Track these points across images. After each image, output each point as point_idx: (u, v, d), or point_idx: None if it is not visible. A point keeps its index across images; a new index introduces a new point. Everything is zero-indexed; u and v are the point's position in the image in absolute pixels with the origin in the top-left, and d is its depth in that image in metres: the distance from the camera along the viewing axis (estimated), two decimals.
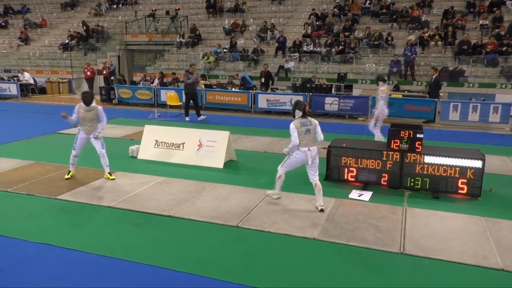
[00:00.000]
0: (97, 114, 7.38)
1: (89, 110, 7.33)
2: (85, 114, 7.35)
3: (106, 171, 7.53)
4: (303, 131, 5.91)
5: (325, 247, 5.10)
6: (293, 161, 6.12)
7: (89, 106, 7.31)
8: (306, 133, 5.92)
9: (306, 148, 5.94)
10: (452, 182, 6.79)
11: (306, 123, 5.95)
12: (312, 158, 5.97)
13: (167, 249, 5.03)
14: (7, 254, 4.87)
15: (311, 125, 5.97)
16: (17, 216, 5.95)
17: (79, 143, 7.49)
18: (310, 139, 5.96)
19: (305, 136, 5.92)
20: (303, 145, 5.94)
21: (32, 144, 10.41)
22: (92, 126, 7.42)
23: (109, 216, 6.00)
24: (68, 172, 7.63)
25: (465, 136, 11.66)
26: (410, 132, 6.93)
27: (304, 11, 21.92)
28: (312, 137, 5.97)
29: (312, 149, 5.96)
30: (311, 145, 5.97)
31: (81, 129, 7.47)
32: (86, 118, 7.38)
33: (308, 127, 5.94)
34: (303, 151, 5.95)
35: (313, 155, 5.97)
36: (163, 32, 22.68)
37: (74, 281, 4.35)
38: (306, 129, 5.92)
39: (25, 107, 17.17)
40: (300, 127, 5.91)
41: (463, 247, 5.07)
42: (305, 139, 5.93)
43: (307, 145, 5.94)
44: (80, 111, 7.35)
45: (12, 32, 27.04)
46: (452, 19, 18.18)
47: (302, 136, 5.91)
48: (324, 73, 17.76)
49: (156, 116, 14.41)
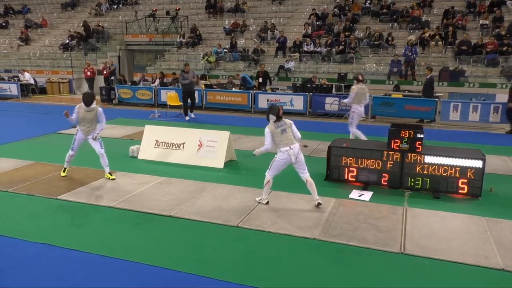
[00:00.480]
0: (96, 115, 7.38)
1: (89, 111, 7.32)
2: (85, 114, 7.34)
3: (106, 171, 7.53)
4: (279, 132, 6.00)
5: (326, 247, 5.09)
6: (278, 163, 6.16)
7: (89, 107, 7.31)
8: (283, 133, 6.00)
9: (287, 147, 5.99)
10: (452, 182, 6.79)
11: (281, 124, 6.05)
12: (295, 155, 6.02)
13: (167, 249, 5.03)
14: (7, 254, 4.87)
15: (286, 124, 6.07)
16: (17, 216, 5.95)
17: (77, 143, 7.50)
18: (289, 138, 6.02)
19: (282, 135, 6.00)
20: (283, 145, 6.01)
21: (32, 144, 10.41)
22: (91, 127, 7.42)
23: (109, 216, 6.00)
24: (63, 169, 7.65)
25: (466, 136, 11.65)
26: (410, 132, 6.93)
27: (305, 11, 21.92)
28: (290, 135, 6.04)
29: (293, 147, 6.02)
30: (292, 143, 6.02)
31: (79, 130, 7.47)
32: (86, 119, 7.37)
33: (283, 127, 6.04)
34: (284, 150, 6.01)
35: (295, 152, 6.02)
36: (164, 32, 22.69)
37: (74, 281, 4.35)
38: (282, 130, 6.01)
39: (26, 107, 17.17)
40: (275, 129, 6.02)
41: (464, 247, 5.06)
42: (283, 139, 6.00)
43: (287, 144, 6.00)
44: (80, 111, 7.35)
45: (13, 32, 27.06)
46: (453, 19, 18.18)
47: (279, 137, 6.00)
48: (325, 73, 17.76)
49: (156, 116, 14.41)
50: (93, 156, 7.59)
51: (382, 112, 14.08)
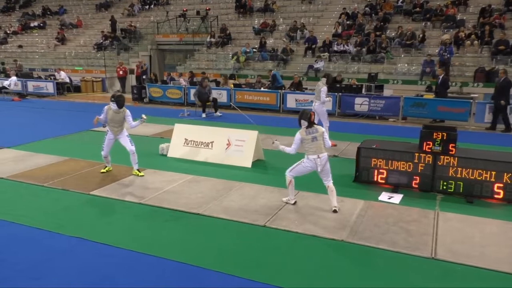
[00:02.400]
0: (124, 117, 7.51)
1: (117, 113, 7.46)
2: (114, 116, 7.48)
3: (135, 168, 7.68)
4: (309, 139, 5.91)
5: (354, 249, 5.03)
6: (302, 169, 6.12)
7: (120, 109, 7.44)
8: (313, 141, 5.91)
9: (316, 155, 5.91)
10: (487, 187, 6.56)
11: (312, 131, 5.94)
12: (322, 165, 5.94)
13: (194, 247, 5.09)
14: (44, 246, 5.06)
15: (317, 132, 5.95)
16: (52, 210, 6.17)
17: (107, 143, 7.65)
18: (318, 147, 5.92)
19: (312, 143, 5.91)
20: (311, 153, 5.94)
21: (67, 141, 10.76)
22: (120, 128, 7.57)
23: (139, 212, 6.13)
24: (104, 166, 7.87)
25: (502, 139, 11.24)
26: (443, 134, 6.74)
27: (335, 10, 21.68)
28: (320, 144, 5.95)
29: (321, 156, 5.92)
30: (320, 152, 5.92)
31: (109, 130, 7.63)
32: (114, 120, 7.52)
33: (314, 134, 5.92)
34: (312, 159, 5.94)
35: (323, 162, 5.94)
36: (194, 32, 22.96)
37: (105, 274, 4.47)
38: (313, 137, 5.91)
39: (61, 104, 17.77)
40: (306, 136, 5.93)
41: (499, 254, 4.89)
42: (312, 147, 5.92)
43: (316, 153, 5.92)
44: (109, 112, 7.49)
45: (50, 32, 28.04)
46: (490, 17, 17.54)
47: (309, 144, 5.92)
48: (354, 73, 17.53)
49: (186, 115, 14.61)
50: (126, 153, 7.76)
51: (414, 113, 13.76)
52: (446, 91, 13.66)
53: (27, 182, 7.30)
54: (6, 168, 8.08)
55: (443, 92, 13.54)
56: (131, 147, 7.57)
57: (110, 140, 7.65)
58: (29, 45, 27.28)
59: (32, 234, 5.36)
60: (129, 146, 7.57)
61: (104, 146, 7.69)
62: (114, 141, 7.69)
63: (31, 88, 20.51)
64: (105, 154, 7.75)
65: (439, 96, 13.54)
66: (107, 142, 7.65)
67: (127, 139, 7.62)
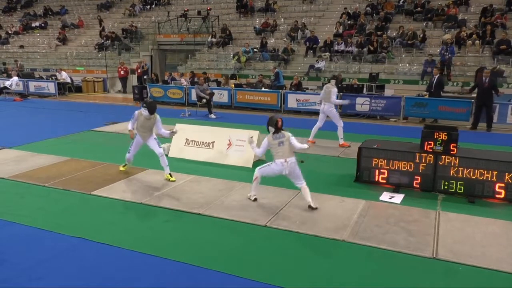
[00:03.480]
0: (155, 122, 7.42)
1: (148, 119, 7.34)
2: (144, 122, 7.35)
3: (166, 172, 7.45)
4: (276, 143, 6.05)
5: (355, 249, 5.02)
6: (269, 170, 6.25)
7: (151, 115, 7.33)
8: (280, 145, 6.03)
9: (283, 159, 6.01)
10: (489, 186, 6.55)
11: (279, 136, 6.05)
12: (289, 169, 6.04)
13: (195, 246, 5.09)
14: (45, 246, 5.07)
15: (284, 137, 6.05)
16: (54, 210, 6.17)
17: (134, 146, 7.57)
18: (285, 151, 6.03)
19: (279, 148, 6.03)
20: (279, 156, 6.04)
21: (68, 141, 10.77)
22: (149, 133, 7.46)
23: (140, 212, 6.13)
24: (124, 164, 7.84)
25: (503, 139, 11.22)
26: (444, 133, 6.73)
27: (336, 10, 21.68)
28: (287, 148, 6.03)
29: (288, 160, 6.01)
30: (288, 156, 6.02)
31: (138, 134, 7.50)
32: (145, 126, 7.38)
33: (281, 139, 6.04)
34: (279, 162, 6.04)
35: (289, 166, 6.03)
36: (195, 32, 22.99)
37: (106, 274, 4.47)
38: (279, 142, 6.03)
39: (62, 105, 17.80)
40: (273, 141, 6.06)
41: (500, 253, 4.88)
42: (279, 151, 6.04)
43: (283, 157, 6.02)
44: (140, 118, 7.35)
45: (51, 32, 28.09)
46: (491, 17, 17.52)
47: (276, 148, 6.05)
48: (356, 72, 17.53)
49: (186, 115, 14.62)
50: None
51: (415, 113, 13.75)
52: (441, 90, 13.67)
53: (28, 182, 7.31)
54: (8, 168, 8.09)
55: (438, 92, 13.55)
56: (159, 150, 7.42)
57: (138, 143, 7.55)
58: (31, 45, 27.34)
59: (34, 234, 5.37)
60: (157, 149, 7.44)
61: (131, 148, 7.59)
62: (142, 145, 7.61)
63: (32, 88, 20.56)
64: (130, 157, 7.67)
65: (434, 96, 13.53)
66: (135, 145, 7.57)
67: (155, 142, 7.49)
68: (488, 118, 12.49)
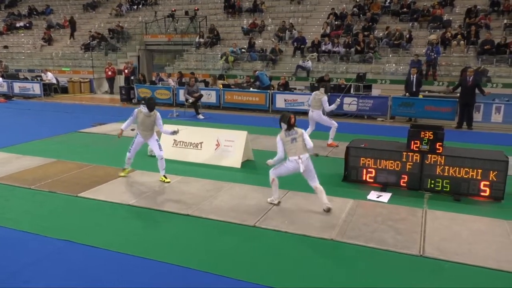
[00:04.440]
0: (155, 120, 7.32)
1: (149, 116, 7.25)
2: (144, 119, 7.26)
3: (161, 174, 7.42)
4: (289, 140, 5.97)
5: (343, 248, 5.05)
6: (284, 169, 6.14)
7: (150, 112, 7.25)
8: (292, 142, 5.96)
9: (296, 156, 5.94)
10: (474, 184, 6.65)
11: (291, 133, 5.99)
12: (304, 166, 5.95)
13: (184, 248, 5.07)
14: (30, 249, 4.99)
15: (297, 134, 6.00)
16: (39, 213, 6.09)
17: (135, 146, 7.47)
18: (299, 147, 5.96)
19: (292, 145, 5.96)
20: (292, 154, 5.98)
21: (54, 142, 10.62)
22: (150, 131, 7.38)
23: (128, 214, 6.08)
24: (123, 169, 7.68)
25: (488, 138, 11.40)
26: (430, 133, 6.81)
27: (323, 11, 21.80)
28: (300, 145, 5.97)
29: (302, 156, 5.94)
30: (301, 153, 5.95)
31: (138, 133, 7.43)
32: (145, 124, 7.29)
33: (294, 136, 5.97)
34: (293, 159, 5.97)
35: (305, 162, 5.95)
36: (182, 32, 22.89)
37: (94, 277, 4.42)
38: (292, 138, 5.97)
39: (48, 106, 17.57)
40: (285, 137, 5.99)
41: (486, 250, 4.95)
42: (293, 148, 5.96)
43: (297, 154, 5.95)
44: (140, 116, 7.27)
45: (36, 32, 27.69)
46: (475, 18, 17.80)
47: (289, 145, 5.97)
48: (343, 73, 17.64)
49: (174, 115, 14.54)
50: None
51: (401, 112, 13.90)
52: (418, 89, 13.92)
53: (13, 185, 7.19)
54: None
55: (418, 91, 13.75)
56: (159, 152, 7.33)
57: (139, 143, 7.47)
58: (15, 46, 26.91)
59: (19, 237, 5.28)
60: (158, 151, 7.35)
61: (131, 148, 7.48)
62: (143, 144, 7.53)
63: (17, 90, 20.22)
64: (130, 156, 7.54)
65: (415, 95, 13.70)
66: (136, 144, 7.47)
67: (156, 143, 7.42)
68: (468, 118, 12.67)
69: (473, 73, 12.67)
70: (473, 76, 12.52)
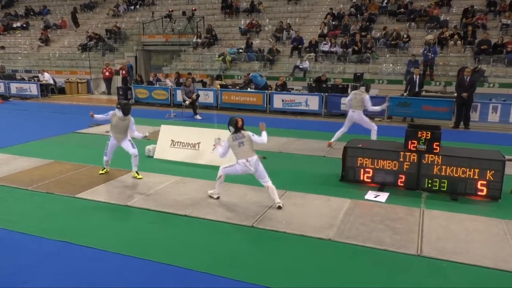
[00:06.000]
0: (129, 124, 7.48)
1: (123, 120, 7.42)
2: (118, 122, 7.44)
3: (134, 170, 7.62)
4: (236, 144, 6.14)
5: (341, 248, 5.06)
6: (233, 170, 6.33)
7: (125, 116, 7.40)
8: (240, 146, 6.12)
9: (244, 159, 6.11)
10: (471, 184, 6.67)
11: (239, 136, 6.14)
12: (254, 167, 6.10)
13: (182, 248, 5.06)
14: (27, 251, 4.98)
15: (244, 137, 6.14)
16: (37, 214, 6.07)
17: (109, 149, 7.66)
18: (246, 151, 6.13)
19: (239, 148, 6.13)
20: (240, 157, 6.15)
21: (51, 143, 10.60)
22: (123, 135, 7.54)
23: (126, 214, 6.08)
24: (102, 168, 7.84)
25: (485, 137, 11.43)
26: (427, 132, 6.83)
27: (321, 11, 21.82)
28: (247, 148, 6.13)
29: (250, 159, 6.10)
30: (248, 155, 6.12)
31: (112, 136, 7.60)
32: (118, 127, 7.47)
33: (241, 140, 6.13)
34: (241, 162, 6.14)
35: (253, 165, 6.10)
36: (180, 33, 22.86)
37: (92, 278, 4.41)
38: (239, 142, 6.13)
39: (45, 106, 17.52)
40: (233, 141, 6.16)
41: (483, 250, 4.97)
42: (240, 152, 6.13)
43: (244, 157, 6.12)
44: (114, 119, 7.44)
45: (33, 33, 27.62)
46: (472, 18, 17.86)
47: (236, 149, 6.14)
48: (341, 73, 17.66)
49: (172, 116, 14.53)
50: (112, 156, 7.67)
51: (399, 112, 13.92)
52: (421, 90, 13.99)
53: (10, 186, 7.17)
54: None
55: (420, 91, 13.83)
56: (133, 150, 7.51)
57: (113, 146, 7.65)
58: (12, 46, 26.84)
59: (17, 239, 5.27)
60: (131, 149, 7.53)
61: (107, 151, 7.68)
62: (117, 147, 7.67)
63: (14, 90, 20.16)
64: (107, 159, 7.75)
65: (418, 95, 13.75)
66: (110, 147, 7.66)
67: (129, 143, 7.58)
68: (465, 118, 12.71)
69: (471, 73, 12.71)
70: (471, 76, 12.56)
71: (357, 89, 9.93)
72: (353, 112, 9.76)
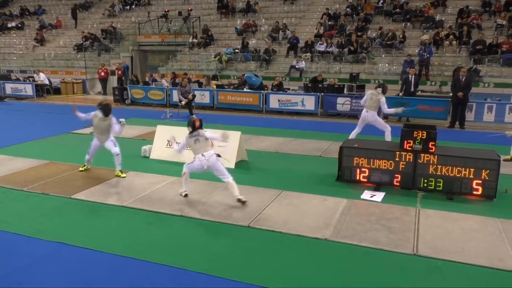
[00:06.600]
0: (110, 124, 7.57)
1: (104, 120, 7.55)
2: (99, 123, 7.58)
3: (117, 169, 7.70)
4: (192, 141, 6.49)
5: (337, 248, 5.07)
6: (193, 166, 6.58)
7: (106, 117, 7.52)
8: (196, 142, 6.47)
9: (200, 154, 6.41)
10: (466, 183, 6.70)
11: (195, 134, 6.49)
12: (209, 164, 6.37)
13: (179, 249, 5.06)
14: (22, 252, 4.95)
15: (199, 135, 6.48)
16: (32, 215, 6.04)
17: (92, 149, 7.84)
18: (201, 146, 6.46)
19: (195, 145, 6.47)
20: (197, 152, 6.47)
21: (46, 143, 10.56)
22: (106, 135, 7.66)
23: (122, 215, 6.06)
24: (83, 165, 7.99)
25: (480, 137, 11.49)
26: (423, 132, 6.85)
27: (317, 11, 21.85)
28: (203, 144, 6.46)
29: (205, 154, 6.39)
30: (204, 151, 6.42)
31: (95, 137, 7.75)
32: (100, 127, 7.61)
33: (197, 137, 6.47)
34: (197, 158, 6.45)
35: (209, 160, 6.37)
36: (176, 33, 22.81)
37: (88, 279, 4.40)
38: (195, 139, 6.48)
39: (40, 107, 17.44)
40: (190, 138, 6.52)
41: (478, 249, 5.00)
42: (196, 148, 6.47)
43: (200, 152, 6.43)
44: (95, 120, 7.58)
45: (28, 33, 27.48)
46: (467, 18, 17.94)
47: (193, 145, 6.49)
48: (337, 73, 17.69)
49: (168, 116, 14.50)
50: (107, 156, 7.67)
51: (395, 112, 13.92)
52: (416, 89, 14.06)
53: (6, 187, 7.14)
54: None
55: (415, 91, 13.89)
56: (115, 149, 7.63)
57: (96, 146, 7.80)
58: (7, 46, 26.69)
59: (12, 240, 5.25)
60: (113, 148, 7.65)
61: (90, 150, 7.84)
62: (99, 147, 7.80)
63: (9, 91, 20.06)
64: (89, 158, 7.94)
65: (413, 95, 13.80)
66: (93, 148, 7.83)
67: (111, 142, 7.69)
68: (461, 117, 12.77)
69: (466, 73, 12.76)
70: (466, 76, 12.62)
71: (374, 90, 9.69)
72: (367, 113, 9.54)
